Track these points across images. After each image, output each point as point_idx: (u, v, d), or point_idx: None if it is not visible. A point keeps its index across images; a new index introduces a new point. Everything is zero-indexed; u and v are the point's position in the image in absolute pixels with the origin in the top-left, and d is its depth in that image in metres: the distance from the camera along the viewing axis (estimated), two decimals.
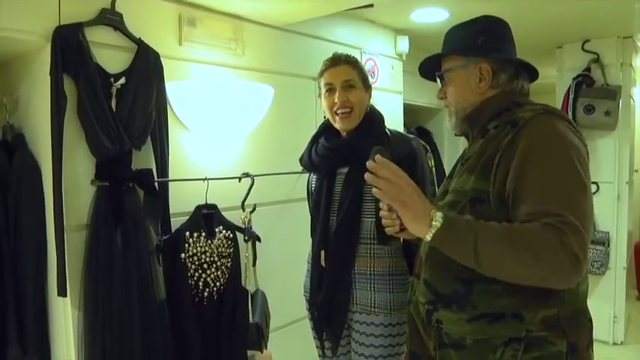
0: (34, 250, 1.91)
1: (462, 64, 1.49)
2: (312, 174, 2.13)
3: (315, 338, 2.10)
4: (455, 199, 1.40)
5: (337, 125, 1.96)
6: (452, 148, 4.44)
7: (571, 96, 3.74)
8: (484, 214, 1.30)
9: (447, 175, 1.66)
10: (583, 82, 3.74)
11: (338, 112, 1.92)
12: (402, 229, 1.57)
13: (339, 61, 1.96)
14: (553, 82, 4.13)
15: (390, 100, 3.42)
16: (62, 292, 1.82)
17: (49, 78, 1.80)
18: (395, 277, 1.92)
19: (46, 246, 1.94)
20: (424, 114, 4.47)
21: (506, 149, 1.31)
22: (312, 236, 2.08)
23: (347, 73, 1.94)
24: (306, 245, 2.12)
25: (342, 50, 2.05)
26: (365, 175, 1.34)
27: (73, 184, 1.87)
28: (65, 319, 1.89)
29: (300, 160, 2.12)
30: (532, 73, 1.52)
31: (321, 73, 1.99)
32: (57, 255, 1.81)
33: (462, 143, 4.21)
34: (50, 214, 1.89)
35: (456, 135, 1.64)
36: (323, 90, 1.97)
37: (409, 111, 3.83)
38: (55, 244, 1.81)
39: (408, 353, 1.65)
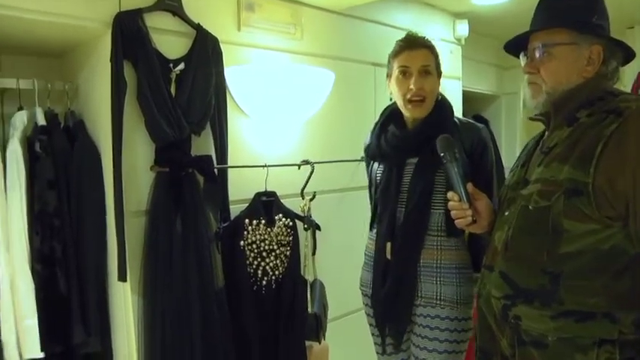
0: (94, 236, 1.94)
1: (574, 41, 1.33)
2: (373, 163, 2.05)
3: (373, 335, 2.02)
4: (546, 188, 1.30)
5: (407, 113, 1.87)
6: (510, 136, 4.28)
7: None
8: (581, 208, 1.21)
9: (515, 163, 1.56)
10: None
11: (411, 99, 1.82)
12: (474, 220, 1.50)
13: (417, 43, 1.86)
14: None
15: (449, 86, 3.29)
16: (122, 278, 1.83)
17: (110, 64, 1.81)
18: (461, 270, 1.84)
19: (105, 231, 1.96)
20: (481, 101, 4.32)
21: (612, 139, 1.20)
22: (371, 227, 2.01)
23: (425, 58, 1.84)
24: (365, 235, 2.06)
25: (401, 34, 1.94)
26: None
27: (132, 170, 1.88)
28: (125, 304, 1.91)
29: (366, 149, 2.03)
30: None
31: (396, 54, 1.87)
32: (117, 241, 1.81)
33: (521, 131, 4.10)
34: (110, 200, 1.90)
35: (531, 118, 1.53)
36: (395, 72, 1.85)
37: (465, 98, 3.71)
38: (115, 230, 1.82)
39: (476, 349, 1.57)
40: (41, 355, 1.79)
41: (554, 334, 1.26)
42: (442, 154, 1.57)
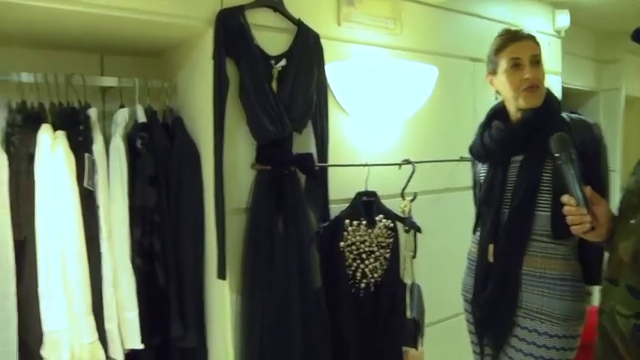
0: (193, 232, 1.95)
1: None
2: (478, 163, 1.94)
3: (473, 343, 1.92)
4: None
5: (521, 103, 1.74)
6: (609, 136, 3.99)
7: None
8: None
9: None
10: None
11: (527, 88, 1.72)
12: (592, 227, 1.38)
13: (522, 35, 1.77)
14: None
15: (547, 81, 3.13)
16: (221, 275, 1.82)
17: (212, 61, 1.80)
18: (568, 282, 1.67)
19: (204, 228, 1.97)
20: (576, 98, 4.07)
21: None
22: (475, 230, 1.91)
23: (533, 48, 1.75)
24: (464, 238, 1.97)
25: (498, 27, 1.85)
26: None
27: (232, 167, 1.87)
28: (222, 301, 1.90)
29: (471, 149, 1.93)
30: None
31: (501, 48, 1.77)
32: (217, 238, 1.81)
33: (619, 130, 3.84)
34: (209, 197, 1.90)
35: None
36: (504, 66, 1.75)
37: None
38: (214, 228, 1.82)
39: None
40: (141, 346, 1.83)
41: None
42: (557, 155, 1.45)
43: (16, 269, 1.67)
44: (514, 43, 1.75)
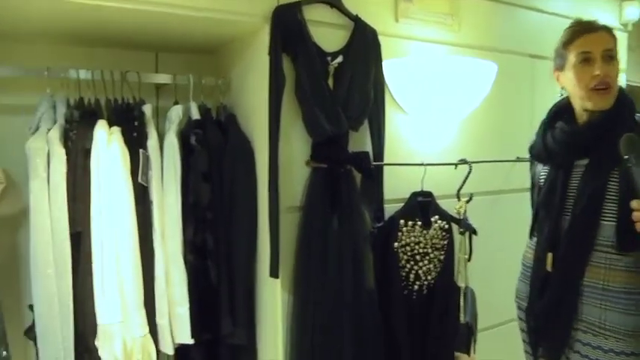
0: (246, 230, 1.94)
1: None
2: (537, 164, 1.85)
3: (527, 352, 1.83)
4: None
5: (589, 104, 1.62)
6: None
7: None
8: None
9: None
10: None
11: (596, 87, 1.58)
12: None
13: (595, 26, 1.63)
14: None
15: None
16: (274, 274, 1.80)
17: (268, 58, 1.78)
18: (633, 295, 1.55)
19: (257, 226, 1.95)
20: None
21: None
22: (531, 234, 1.82)
23: (607, 41, 1.61)
24: (519, 242, 1.89)
25: (560, 22, 1.73)
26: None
27: (287, 165, 1.84)
28: (274, 300, 1.89)
29: (531, 149, 1.83)
30: None
31: (570, 40, 1.64)
32: (270, 236, 1.79)
33: None
34: (262, 195, 1.89)
35: None
36: (573, 60, 1.63)
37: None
38: (267, 225, 1.80)
39: None
40: (191, 341, 1.83)
41: None
42: (626, 157, 1.36)
43: (72, 263, 1.69)
44: (585, 35, 1.62)
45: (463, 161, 2.14)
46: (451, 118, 2.20)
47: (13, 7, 1.57)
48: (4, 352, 1.68)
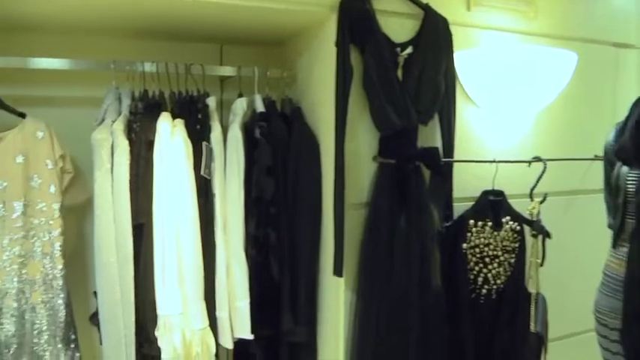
0: (310, 226, 1.91)
1: None
2: (621, 166, 1.71)
3: None
4: None
5: None
6: None
7: None
8: None
9: None
10: None
11: None
12: None
13: None
14: None
15: None
16: (338, 272, 1.75)
17: (335, 49, 1.73)
18: None
19: (321, 222, 1.91)
20: None
21: None
22: (615, 244, 1.70)
23: None
24: (597, 248, 1.80)
25: None
26: None
27: (353, 160, 1.79)
28: (337, 298, 1.85)
29: (620, 150, 1.69)
30: None
31: None
32: (335, 233, 1.74)
33: None
34: (327, 190, 1.85)
35: None
36: None
37: None
38: (332, 222, 1.75)
39: None
40: (250, 336, 1.82)
41: None
42: None
43: (134, 253, 1.71)
44: None
45: (537, 159, 2.02)
46: (525, 112, 2.09)
47: (81, 1, 1.60)
48: (73, 336, 1.76)
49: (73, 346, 1.76)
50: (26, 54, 1.76)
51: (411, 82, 1.76)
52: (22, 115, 1.74)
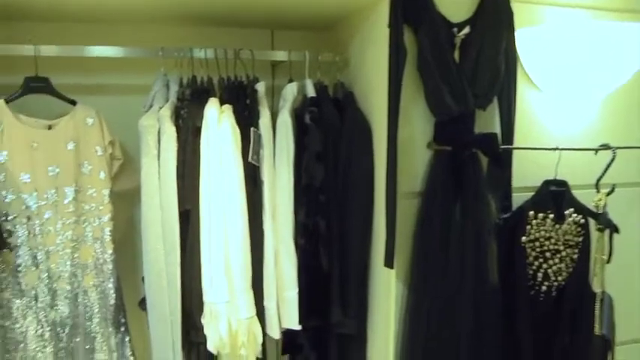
0: (360, 215, 1.86)
1: None
2: None
3: None
4: None
5: None
6: None
7: None
8: None
9: None
10: None
11: None
12: None
13: None
14: None
15: None
16: (389, 264, 1.70)
17: (388, 31, 1.66)
18: None
19: (372, 211, 1.86)
20: None
21: None
22: None
23: None
24: None
25: None
26: None
27: (407, 147, 1.73)
28: (388, 291, 1.79)
29: None
30: None
31: None
32: (386, 223, 1.68)
33: None
34: (379, 178, 1.79)
35: None
36: None
37: None
38: (384, 211, 1.70)
39: None
40: (298, 327, 1.80)
41: None
42: None
43: (181, 239, 1.72)
44: None
45: (605, 146, 1.87)
46: (593, 96, 1.96)
47: None
48: (123, 319, 1.81)
49: (123, 329, 1.80)
50: (76, 42, 1.79)
51: (468, 64, 1.68)
52: (73, 103, 1.77)
